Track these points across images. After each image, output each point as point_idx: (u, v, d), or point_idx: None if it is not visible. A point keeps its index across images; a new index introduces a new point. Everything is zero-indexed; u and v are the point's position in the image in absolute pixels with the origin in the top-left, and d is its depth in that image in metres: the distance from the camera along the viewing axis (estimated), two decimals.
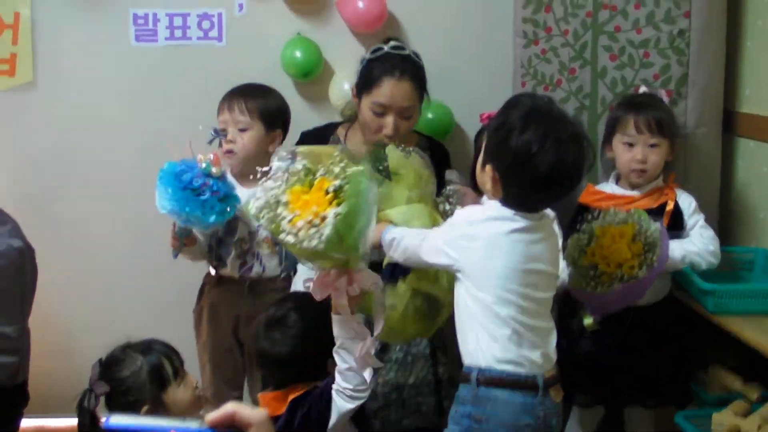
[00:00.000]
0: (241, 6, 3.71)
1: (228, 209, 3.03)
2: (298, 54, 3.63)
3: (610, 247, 2.77)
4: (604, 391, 3.21)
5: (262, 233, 3.22)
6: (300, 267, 3.19)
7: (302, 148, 2.37)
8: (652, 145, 3.11)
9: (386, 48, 3.19)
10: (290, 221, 2.20)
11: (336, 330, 2.47)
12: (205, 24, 3.72)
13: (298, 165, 2.29)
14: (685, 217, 3.12)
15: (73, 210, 3.82)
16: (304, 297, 2.75)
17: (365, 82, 3.18)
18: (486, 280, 2.43)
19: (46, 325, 3.70)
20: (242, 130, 3.22)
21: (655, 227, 2.79)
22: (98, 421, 2.46)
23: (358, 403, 2.53)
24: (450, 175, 3.13)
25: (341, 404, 2.51)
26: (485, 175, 2.49)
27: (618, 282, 2.75)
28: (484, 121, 3.26)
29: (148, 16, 3.71)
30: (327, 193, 2.21)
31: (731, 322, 2.94)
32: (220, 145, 3.19)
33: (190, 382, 2.60)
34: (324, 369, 2.58)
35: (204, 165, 2.96)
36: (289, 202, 2.23)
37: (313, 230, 2.16)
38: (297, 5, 3.71)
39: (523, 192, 2.42)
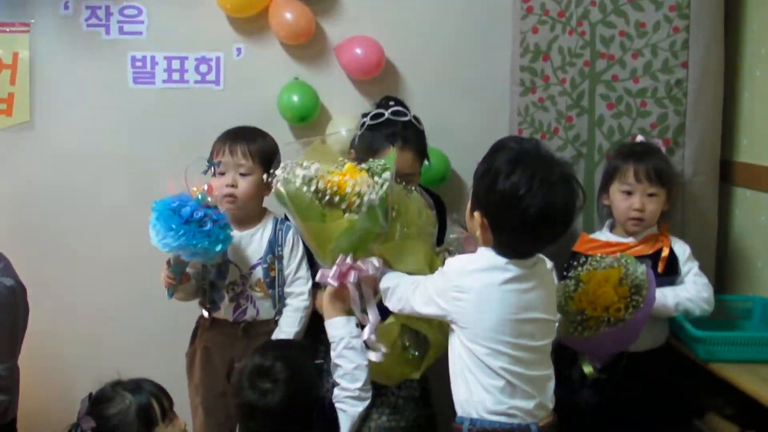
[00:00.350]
0: (239, 50, 3.72)
1: (231, 235, 3.01)
2: (295, 98, 3.63)
3: (596, 292, 2.77)
4: None
5: (254, 276, 3.19)
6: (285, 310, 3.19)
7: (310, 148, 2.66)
8: (651, 195, 3.11)
9: (387, 114, 3.15)
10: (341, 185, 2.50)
11: (339, 331, 2.60)
12: (203, 67, 3.72)
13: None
14: (680, 263, 3.10)
15: (67, 248, 3.79)
16: (286, 345, 2.80)
17: (366, 149, 3.09)
18: (478, 332, 2.40)
19: (36, 360, 3.67)
20: (243, 175, 3.17)
21: (642, 269, 2.79)
22: None
23: (365, 404, 2.59)
24: (452, 223, 3.10)
25: (351, 410, 2.55)
26: (474, 223, 2.45)
27: (605, 326, 2.74)
28: None
29: (146, 58, 3.72)
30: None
31: (726, 370, 2.92)
32: (214, 174, 3.14)
33: (179, 425, 2.59)
34: (311, 422, 2.54)
35: (200, 196, 2.92)
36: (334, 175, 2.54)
37: (368, 188, 2.48)
38: (295, 50, 3.72)
39: (514, 236, 2.38)
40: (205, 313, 3.25)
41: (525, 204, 2.29)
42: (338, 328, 2.67)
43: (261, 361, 2.53)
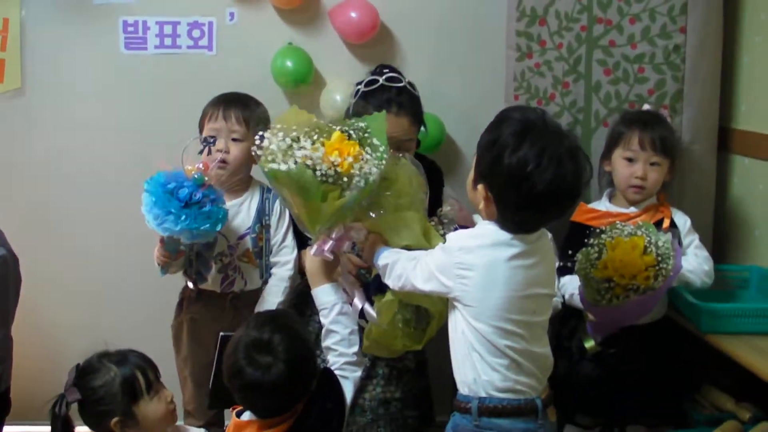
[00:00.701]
0: (232, 15, 3.68)
1: (227, 211, 2.98)
2: (289, 63, 3.59)
3: (623, 260, 2.69)
4: (605, 412, 3.16)
5: (243, 246, 3.17)
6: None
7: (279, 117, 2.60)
8: (653, 163, 3.09)
9: (381, 80, 3.10)
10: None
11: (331, 297, 2.61)
12: (196, 33, 3.68)
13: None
14: (681, 235, 3.07)
15: (60, 216, 3.79)
16: (279, 315, 2.73)
17: (363, 112, 3.00)
18: (484, 311, 2.33)
19: (29, 330, 3.67)
20: (236, 140, 3.12)
21: (666, 238, 2.74)
22: (70, 426, 2.51)
23: (362, 369, 2.62)
24: (446, 196, 3.06)
25: (352, 376, 2.56)
26: (477, 194, 2.36)
27: (633, 293, 2.69)
28: None
29: (138, 23, 3.67)
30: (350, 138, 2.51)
31: (724, 342, 2.90)
32: (209, 153, 3.08)
33: (165, 396, 2.58)
34: (309, 390, 2.50)
35: (197, 176, 2.85)
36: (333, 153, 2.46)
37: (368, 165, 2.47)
38: (288, 14, 3.67)
39: (520, 212, 2.30)
40: (191, 285, 3.19)
41: (533, 180, 2.21)
42: (329, 294, 2.64)
43: (257, 335, 2.44)
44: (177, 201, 2.81)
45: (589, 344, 2.93)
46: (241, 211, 3.19)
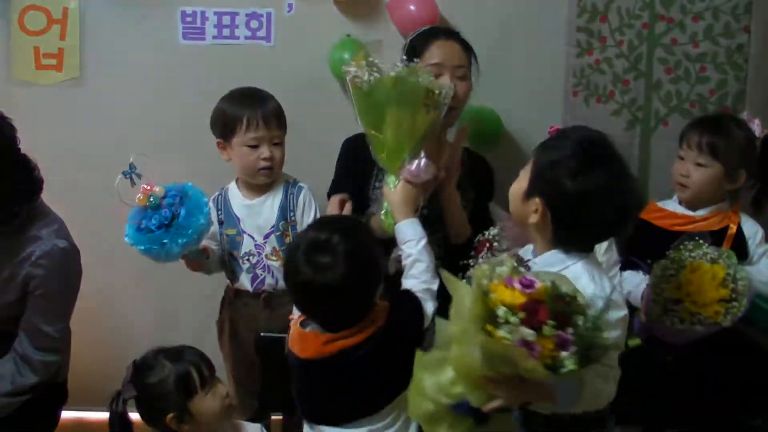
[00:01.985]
0: (290, 6, 3.67)
1: (205, 212, 2.92)
2: (347, 56, 3.57)
3: (700, 286, 2.70)
4: (649, 414, 3.16)
5: (269, 245, 3.17)
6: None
7: None
8: (699, 164, 3.06)
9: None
10: None
11: (417, 229, 2.60)
12: (254, 23, 3.68)
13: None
14: (750, 245, 3.06)
15: (120, 208, 3.78)
16: (341, 219, 2.69)
17: (414, 52, 3.05)
18: None
19: (86, 318, 3.71)
20: (276, 144, 3.14)
21: (746, 275, 2.73)
22: (128, 422, 2.56)
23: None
24: (496, 213, 3.06)
25: (433, 304, 2.53)
26: (528, 206, 2.28)
27: (699, 325, 2.69)
28: (551, 134, 3.22)
29: (196, 14, 3.68)
30: None
31: None
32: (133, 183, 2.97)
33: (220, 392, 2.62)
34: (373, 303, 2.46)
35: (152, 199, 2.85)
36: None
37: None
38: (347, 7, 3.66)
39: (581, 234, 2.26)
40: (230, 283, 3.26)
41: (601, 208, 2.19)
42: (416, 226, 2.62)
43: (316, 235, 2.41)
44: (154, 234, 2.83)
45: (633, 342, 2.91)
46: (264, 210, 3.18)
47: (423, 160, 2.67)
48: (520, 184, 2.35)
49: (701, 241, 2.82)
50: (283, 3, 3.67)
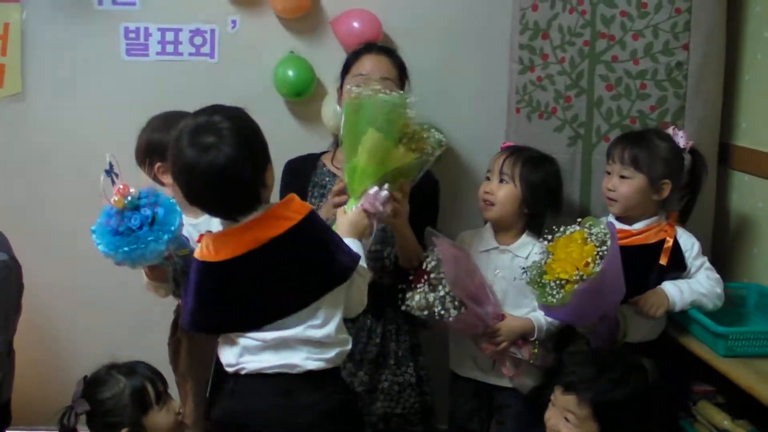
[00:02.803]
0: (234, 23, 3.66)
1: (179, 211, 2.79)
2: (290, 73, 3.58)
3: (565, 258, 2.79)
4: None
5: None
6: None
7: None
8: (623, 177, 3.09)
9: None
10: None
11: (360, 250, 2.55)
12: (197, 40, 3.67)
13: None
14: (688, 258, 3.09)
15: (60, 222, 3.77)
16: (224, 106, 2.49)
17: (346, 66, 3.20)
18: None
19: (30, 336, 3.68)
20: None
21: (603, 224, 2.83)
22: None
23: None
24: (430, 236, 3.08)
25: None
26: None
27: (581, 281, 2.75)
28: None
29: (139, 30, 3.66)
30: None
31: (721, 364, 2.89)
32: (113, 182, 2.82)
33: (173, 408, 2.61)
34: (263, 185, 2.41)
35: (129, 199, 2.69)
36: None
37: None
38: (291, 23, 3.66)
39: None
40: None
41: None
42: (357, 247, 2.55)
43: (198, 119, 2.36)
44: (128, 237, 2.69)
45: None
46: (212, 227, 3.11)
47: (384, 193, 2.66)
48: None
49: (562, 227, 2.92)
50: (227, 19, 3.67)
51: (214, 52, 3.68)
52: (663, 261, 3.04)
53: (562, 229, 2.89)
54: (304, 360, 2.39)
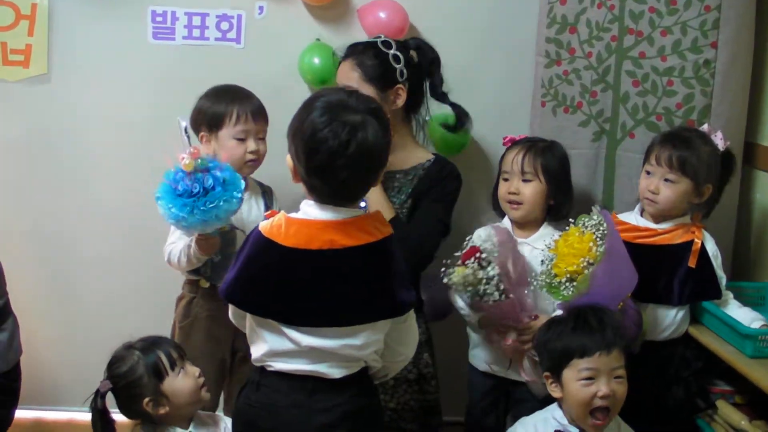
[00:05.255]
0: (261, 9, 3.67)
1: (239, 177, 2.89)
2: (316, 60, 3.58)
3: (568, 253, 2.83)
4: None
5: None
6: None
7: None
8: (668, 180, 3.06)
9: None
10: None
11: None
12: (224, 25, 3.67)
13: None
14: (715, 266, 3.08)
15: (83, 203, 3.81)
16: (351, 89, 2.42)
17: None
18: None
19: (43, 317, 3.71)
20: (261, 139, 3.18)
21: (594, 211, 2.88)
22: (109, 419, 2.64)
23: None
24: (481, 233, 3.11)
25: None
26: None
27: (589, 269, 2.79)
28: (507, 144, 3.23)
29: (166, 13, 3.66)
30: None
31: (743, 364, 2.85)
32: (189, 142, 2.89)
33: (191, 372, 2.68)
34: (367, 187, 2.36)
35: (199, 161, 2.75)
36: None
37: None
38: (318, 11, 3.66)
39: None
40: (206, 283, 3.17)
41: None
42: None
43: (330, 96, 2.29)
44: (188, 199, 2.73)
45: None
46: (252, 205, 3.21)
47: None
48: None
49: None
50: (254, 5, 3.67)
51: (241, 38, 3.69)
52: (692, 263, 3.03)
53: (557, 234, 2.97)
54: (331, 368, 2.34)
